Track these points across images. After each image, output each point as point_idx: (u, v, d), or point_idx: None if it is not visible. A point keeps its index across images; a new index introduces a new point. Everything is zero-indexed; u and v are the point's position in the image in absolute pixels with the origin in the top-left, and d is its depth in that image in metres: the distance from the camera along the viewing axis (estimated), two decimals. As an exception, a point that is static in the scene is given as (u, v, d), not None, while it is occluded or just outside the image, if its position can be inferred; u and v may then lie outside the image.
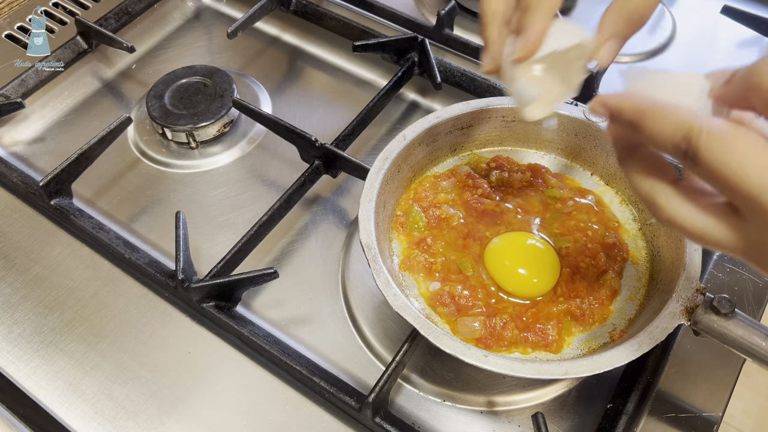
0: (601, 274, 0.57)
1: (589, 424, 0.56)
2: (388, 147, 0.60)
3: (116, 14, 0.86)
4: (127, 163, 0.76)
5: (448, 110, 0.63)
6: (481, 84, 0.77)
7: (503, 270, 0.56)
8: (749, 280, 0.63)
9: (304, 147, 0.71)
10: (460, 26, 0.89)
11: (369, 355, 0.60)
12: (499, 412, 0.57)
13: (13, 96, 0.78)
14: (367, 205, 0.56)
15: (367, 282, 0.64)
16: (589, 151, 0.65)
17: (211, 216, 0.71)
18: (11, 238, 0.68)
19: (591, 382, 0.58)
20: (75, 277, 0.65)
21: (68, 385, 0.58)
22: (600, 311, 0.56)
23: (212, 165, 0.76)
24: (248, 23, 0.82)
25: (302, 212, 0.71)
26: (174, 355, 0.60)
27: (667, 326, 0.49)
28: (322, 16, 0.86)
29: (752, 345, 0.47)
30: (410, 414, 0.57)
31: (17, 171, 0.71)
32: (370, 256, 0.53)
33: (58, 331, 0.61)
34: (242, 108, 0.74)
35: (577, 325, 0.55)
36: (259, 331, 0.59)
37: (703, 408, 0.55)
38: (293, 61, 0.87)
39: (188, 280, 0.60)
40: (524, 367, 0.48)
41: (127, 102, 0.83)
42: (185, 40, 0.90)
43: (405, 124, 0.76)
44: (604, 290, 0.56)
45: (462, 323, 0.54)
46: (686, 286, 0.51)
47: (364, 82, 0.84)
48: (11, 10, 0.89)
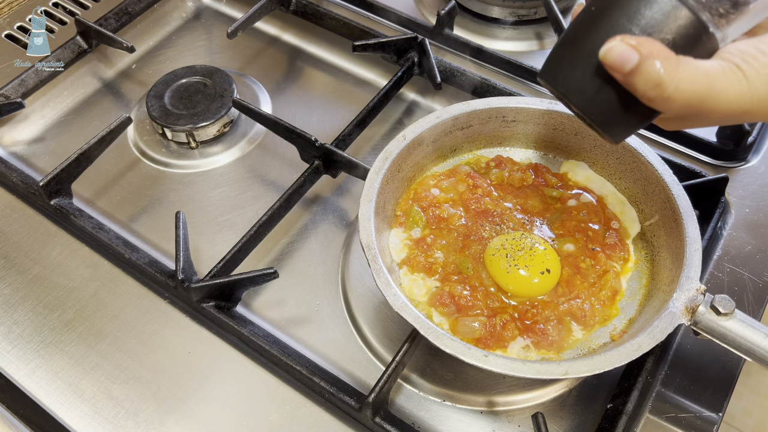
0: (601, 275, 0.57)
1: (589, 424, 0.56)
2: (388, 147, 0.60)
3: (116, 14, 0.86)
4: (127, 163, 0.76)
5: (448, 110, 0.63)
6: (481, 84, 0.77)
7: (503, 271, 0.56)
8: (749, 280, 0.63)
9: (303, 147, 0.71)
10: (460, 26, 0.89)
11: (369, 355, 0.60)
12: (499, 412, 0.57)
13: (13, 96, 0.78)
14: (367, 205, 0.56)
15: (367, 282, 0.64)
16: (588, 151, 0.65)
17: (211, 216, 0.71)
18: (11, 238, 0.68)
19: (591, 382, 0.58)
20: (75, 277, 0.65)
21: (68, 385, 0.58)
22: (602, 312, 0.56)
23: (212, 165, 0.76)
24: (248, 23, 0.82)
25: (302, 212, 0.71)
26: (174, 355, 0.60)
27: (667, 326, 0.49)
28: (322, 16, 0.86)
29: (752, 345, 0.47)
30: (410, 414, 0.57)
31: (17, 171, 0.71)
32: (370, 256, 0.53)
33: (58, 331, 0.61)
34: (242, 108, 0.74)
35: (579, 326, 0.55)
36: (259, 331, 0.59)
37: (703, 408, 0.55)
38: (293, 61, 0.87)
39: (188, 280, 0.60)
40: (524, 367, 0.48)
41: (127, 102, 0.83)
42: (185, 40, 0.90)
43: (405, 124, 0.76)
44: (606, 291, 0.56)
45: (462, 323, 0.54)
46: (686, 286, 0.51)
47: (364, 82, 0.84)
48: (11, 10, 0.89)
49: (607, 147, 0.63)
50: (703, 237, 0.62)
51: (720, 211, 0.66)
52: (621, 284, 0.58)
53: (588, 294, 0.56)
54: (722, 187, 0.67)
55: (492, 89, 0.76)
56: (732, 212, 0.68)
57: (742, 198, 0.69)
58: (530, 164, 0.66)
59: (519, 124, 0.65)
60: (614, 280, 0.57)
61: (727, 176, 0.66)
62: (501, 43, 0.89)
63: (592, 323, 0.55)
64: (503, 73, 0.82)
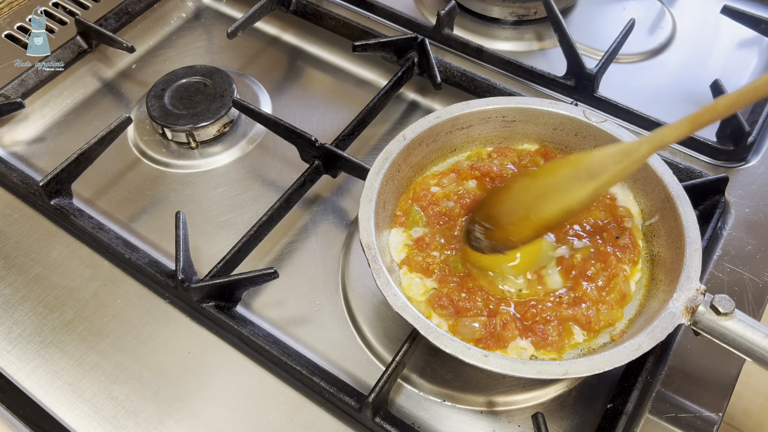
0: (611, 278, 0.56)
1: (589, 424, 0.56)
2: (388, 147, 0.60)
3: (116, 14, 0.86)
4: (127, 163, 0.76)
5: (449, 110, 0.63)
6: (481, 84, 0.77)
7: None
8: (749, 280, 0.63)
9: (304, 147, 0.71)
10: (460, 26, 0.89)
11: (369, 355, 0.60)
12: (499, 412, 0.57)
13: (13, 96, 0.78)
14: (367, 205, 0.56)
15: (367, 282, 0.64)
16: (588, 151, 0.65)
17: (211, 216, 0.71)
18: (11, 238, 0.68)
19: (591, 382, 0.58)
20: (75, 277, 0.65)
21: (68, 385, 0.58)
22: (608, 316, 0.55)
23: (212, 165, 0.76)
24: (248, 23, 0.82)
25: (302, 212, 0.71)
26: (174, 355, 0.60)
27: (667, 326, 0.49)
28: (322, 16, 0.86)
29: (752, 345, 0.47)
30: (410, 414, 0.57)
31: (17, 171, 0.71)
32: (370, 256, 0.53)
33: (58, 331, 0.61)
34: (242, 108, 0.74)
35: (582, 330, 0.55)
36: (259, 331, 0.59)
37: (703, 408, 0.55)
38: (293, 61, 0.87)
39: (188, 280, 0.60)
40: (524, 367, 0.48)
41: (127, 102, 0.83)
42: (185, 40, 0.90)
43: (405, 124, 0.76)
44: (614, 295, 0.55)
45: (462, 324, 0.54)
46: (686, 286, 0.51)
47: (364, 82, 0.84)
48: (11, 10, 0.89)
49: (607, 147, 0.63)
50: (703, 237, 0.62)
51: (720, 211, 0.66)
52: (630, 288, 0.57)
53: (595, 302, 0.55)
54: (722, 187, 0.67)
55: (492, 89, 0.76)
56: (732, 212, 0.68)
57: (742, 198, 0.69)
58: (539, 149, 0.65)
59: (519, 124, 0.65)
60: (623, 284, 0.56)
61: (727, 176, 0.66)
62: (501, 43, 0.89)
63: (597, 329, 0.54)
64: (503, 73, 0.82)
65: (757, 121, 0.73)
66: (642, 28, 0.90)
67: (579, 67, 0.77)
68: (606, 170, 0.50)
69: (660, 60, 0.86)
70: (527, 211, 0.53)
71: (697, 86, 0.82)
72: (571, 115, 0.63)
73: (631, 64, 0.86)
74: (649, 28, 0.90)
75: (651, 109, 0.75)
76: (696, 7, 0.94)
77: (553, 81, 0.79)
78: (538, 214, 0.52)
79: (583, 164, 0.51)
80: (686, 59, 0.87)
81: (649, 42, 0.88)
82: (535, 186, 0.53)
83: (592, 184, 0.50)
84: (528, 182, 0.54)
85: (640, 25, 0.89)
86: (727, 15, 0.87)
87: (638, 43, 0.87)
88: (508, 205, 0.54)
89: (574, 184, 0.51)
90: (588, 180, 0.50)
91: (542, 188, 0.53)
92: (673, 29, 0.90)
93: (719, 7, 0.87)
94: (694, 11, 0.93)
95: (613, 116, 0.75)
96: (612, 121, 0.63)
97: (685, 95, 0.82)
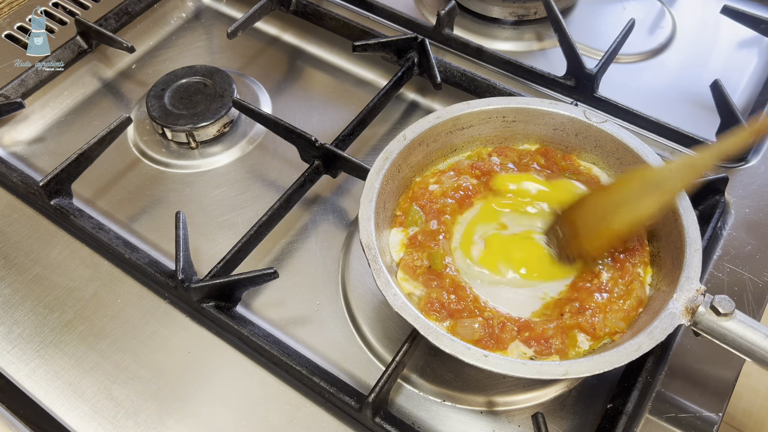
0: (629, 283, 0.55)
1: (589, 424, 0.56)
2: (388, 147, 0.60)
3: (116, 14, 0.86)
4: (127, 163, 0.76)
5: (449, 110, 0.63)
6: (481, 84, 0.77)
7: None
8: (749, 280, 0.63)
9: (304, 147, 0.71)
10: (460, 26, 0.89)
11: (369, 355, 0.60)
12: (499, 412, 0.57)
13: (13, 96, 0.78)
14: (367, 205, 0.56)
15: (367, 282, 0.64)
16: (589, 151, 0.65)
17: (211, 216, 0.71)
18: (11, 238, 0.68)
19: (591, 382, 0.58)
20: (75, 277, 0.65)
21: (68, 385, 0.58)
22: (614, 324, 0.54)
23: (212, 165, 0.76)
24: (248, 23, 0.82)
25: (302, 212, 0.71)
26: (174, 355, 0.60)
27: (667, 326, 0.49)
28: (322, 16, 0.86)
29: (752, 345, 0.47)
30: (410, 414, 0.57)
31: (17, 171, 0.71)
32: (370, 256, 0.53)
33: (58, 331, 0.61)
34: (242, 108, 0.74)
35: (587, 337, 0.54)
36: (259, 331, 0.59)
37: (703, 408, 0.55)
38: (293, 61, 0.87)
39: (188, 280, 0.60)
40: (524, 367, 0.48)
41: (127, 102, 0.83)
42: (185, 40, 0.90)
43: (405, 124, 0.76)
44: (631, 301, 0.54)
45: (461, 324, 0.54)
46: (686, 286, 0.51)
47: (364, 82, 0.84)
48: (11, 10, 0.89)
49: (608, 147, 0.63)
50: (703, 237, 0.62)
51: (720, 211, 0.66)
52: (645, 292, 0.56)
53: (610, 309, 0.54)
54: (722, 187, 0.67)
55: (492, 89, 0.76)
56: (732, 212, 0.68)
57: (742, 198, 0.69)
58: (539, 149, 0.65)
59: (519, 124, 0.65)
60: (639, 289, 0.55)
61: (727, 176, 0.66)
62: (501, 43, 0.89)
63: (603, 336, 0.53)
64: (503, 73, 0.82)
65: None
66: (642, 28, 0.90)
67: (579, 67, 0.77)
68: (673, 183, 0.55)
69: (660, 60, 0.87)
70: (602, 222, 0.56)
71: (697, 86, 0.82)
72: (572, 116, 0.63)
73: (631, 64, 0.86)
74: (649, 28, 0.90)
75: (651, 109, 0.75)
76: (696, 7, 0.94)
77: (553, 81, 0.79)
78: (610, 226, 0.55)
79: (651, 178, 0.56)
80: (686, 59, 0.87)
81: (649, 42, 0.88)
82: (608, 199, 0.57)
83: (661, 196, 0.54)
84: (602, 196, 0.58)
85: (640, 25, 0.89)
86: (727, 15, 0.87)
87: (638, 43, 0.87)
88: (585, 218, 0.58)
89: (644, 196, 0.55)
90: (656, 193, 0.54)
91: (615, 201, 0.56)
92: (673, 29, 0.90)
93: (719, 7, 0.87)
94: (694, 11, 0.93)
95: (613, 116, 0.75)
96: (612, 122, 0.63)
97: (685, 95, 0.82)
